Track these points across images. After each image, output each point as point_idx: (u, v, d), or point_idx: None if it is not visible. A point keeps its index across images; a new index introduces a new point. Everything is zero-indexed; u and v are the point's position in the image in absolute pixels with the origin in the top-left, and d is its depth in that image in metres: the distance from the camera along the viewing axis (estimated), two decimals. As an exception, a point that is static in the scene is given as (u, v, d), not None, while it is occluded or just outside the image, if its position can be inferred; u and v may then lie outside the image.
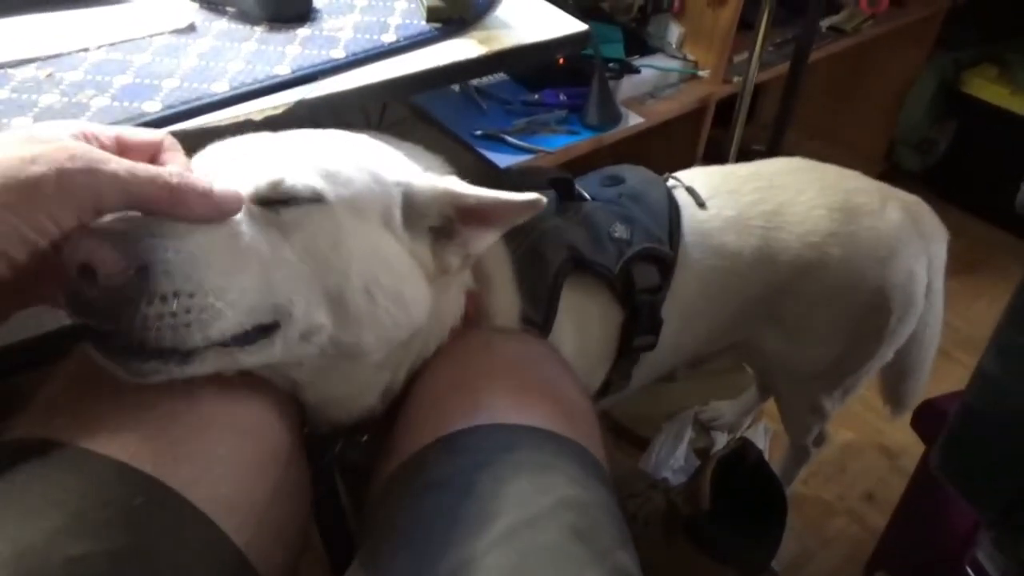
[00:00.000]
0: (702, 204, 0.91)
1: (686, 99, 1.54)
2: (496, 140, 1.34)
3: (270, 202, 0.53)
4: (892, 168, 2.29)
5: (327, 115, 0.68)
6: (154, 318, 0.46)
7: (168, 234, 0.47)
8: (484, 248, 0.63)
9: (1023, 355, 0.65)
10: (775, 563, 1.18)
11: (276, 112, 0.64)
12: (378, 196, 0.58)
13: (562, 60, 1.44)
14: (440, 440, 0.56)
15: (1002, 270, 2.06)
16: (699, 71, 1.58)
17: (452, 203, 0.61)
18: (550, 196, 0.84)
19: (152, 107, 0.62)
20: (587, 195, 0.87)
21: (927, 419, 1.05)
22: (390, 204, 0.59)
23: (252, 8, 0.75)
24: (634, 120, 1.44)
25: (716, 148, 1.63)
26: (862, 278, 0.94)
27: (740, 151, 1.62)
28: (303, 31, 0.75)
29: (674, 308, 0.87)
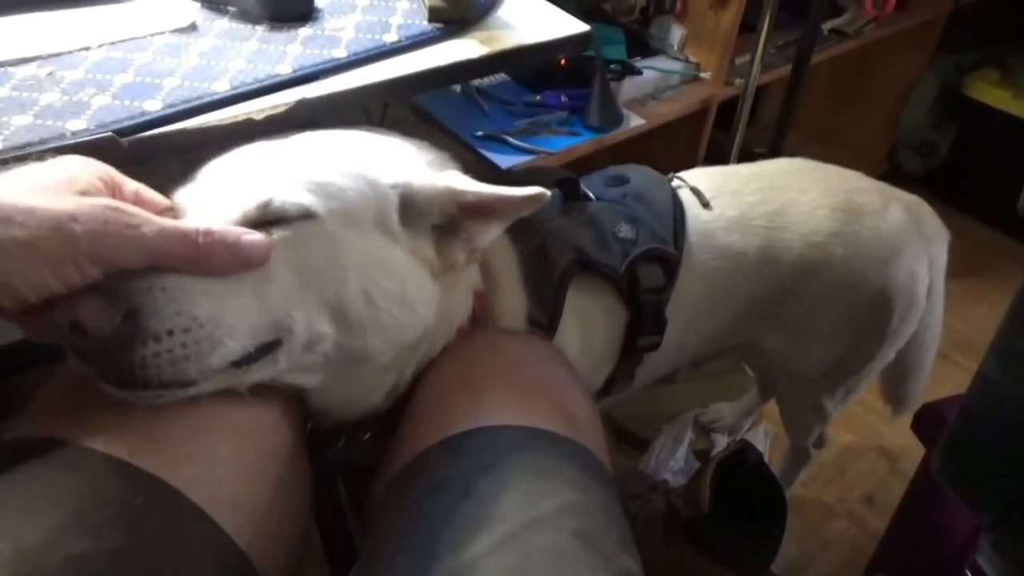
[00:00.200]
0: (707, 204, 0.91)
1: (688, 101, 1.53)
2: (497, 141, 1.34)
3: (261, 223, 0.53)
4: (893, 170, 2.29)
5: (328, 115, 0.67)
6: (151, 357, 0.47)
7: (152, 273, 0.47)
8: (489, 242, 0.63)
9: (1023, 359, 0.65)
10: (775, 565, 1.17)
11: (277, 111, 0.64)
12: (372, 202, 0.57)
13: (564, 61, 1.43)
14: (443, 442, 0.56)
15: (1003, 274, 2.06)
16: (701, 73, 1.58)
17: (453, 200, 0.60)
18: (554, 195, 0.85)
19: (153, 106, 0.62)
20: (592, 195, 0.87)
21: (927, 422, 1.05)
22: (386, 208, 0.58)
23: (253, 7, 0.75)
24: (635, 121, 1.44)
25: (717, 150, 1.63)
26: (864, 278, 0.94)
27: (741, 153, 1.62)
28: (304, 30, 0.75)
29: (678, 308, 0.87)
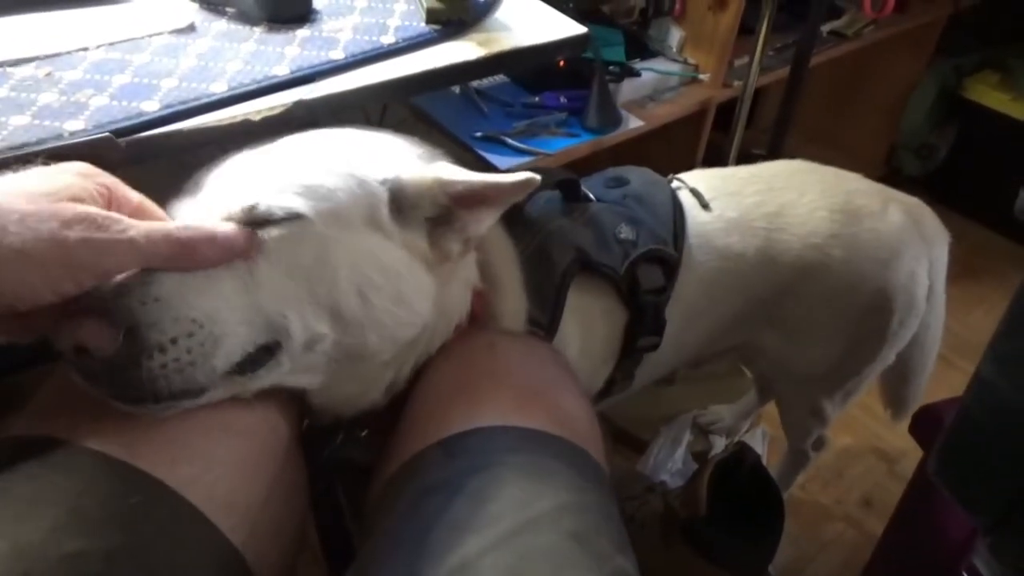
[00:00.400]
0: (706, 205, 0.91)
1: (686, 102, 1.53)
2: (496, 142, 1.34)
3: (248, 225, 0.53)
4: (892, 173, 2.29)
5: (327, 116, 0.68)
6: (159, 369, 0.48)
7: (140, 286, 0.48)
8: (484, 230, 0.63)
9: (1021, 362, 0.65)
10: (772, 567, 1.17)
11: (274, 112, 0.64)
12: (361, 200, 0.58)
13: (562, 63, 1.44)
14: (440, 442, 0.57)
15: (1001, 276, 2.06)
16: (699, 75, 1.58)
17: (443, 191, 0.60)
18: (555, 196, 0.85)
19: (151, 107, 0.62)
20: (592, 196, 0.87)
21: (925, 424, 1.05)
22: (375, 205, 0.58)
23: (252, 9, 0.75)
24: (634, 123, 1.44)
25: (716, 152, 1.63)
26: (863, 280, 0.94)
27: (740, 155, 1.62)
28: (302, 32, 0.75)
29: (677, 309, 0.87)
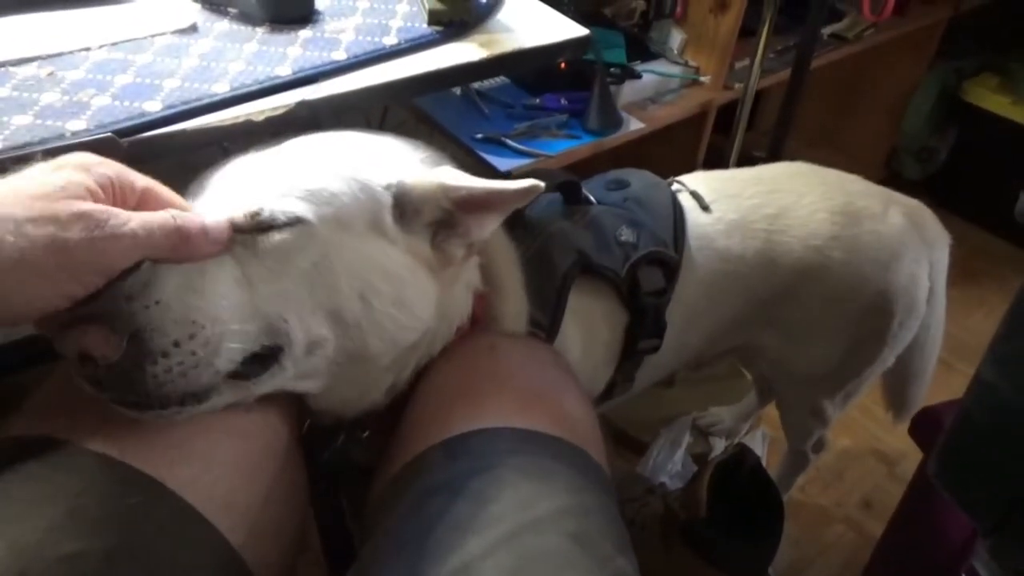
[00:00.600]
0: (706, 207, 0.91)
1: (687, 105, 1.54)
2: (497, 143, 1.34)
3: (253, 232, 0.53)
4: (892, 176, 2.30)
5: (329, 117, 0.68)
6: (163, 373, 0.48)
7: (141, 290, 0.48)
8: (487, 235, 0.63)
9: (1021, 364, 0.65)
10: (772, 569, 1.17)
11: (276, 113, 0.64)
12: (364, 205, 0.58)
13: (563, 64, 1.44)
14: (442, 443, 0.57)
15: (1001, 279, 2.06)
16: (700, 77, 1.58)
17: (446, 196, 0.60)
18: (556, 199, 0.85)
19: (153, 107, 0.62)
20: (593, 199, 0.87)
21: (925, 427, 1.05)
22: (378, 210, 0.58)
23: (254, 9, 0.75)
24: (635, 125, 1.44)
25: (717, 154, 1.63)
26: (864, 281, 0.94)
27: (741, 158, 1.62)
28: (305, 32, 0.75)
29: (678, 311, 0.87)
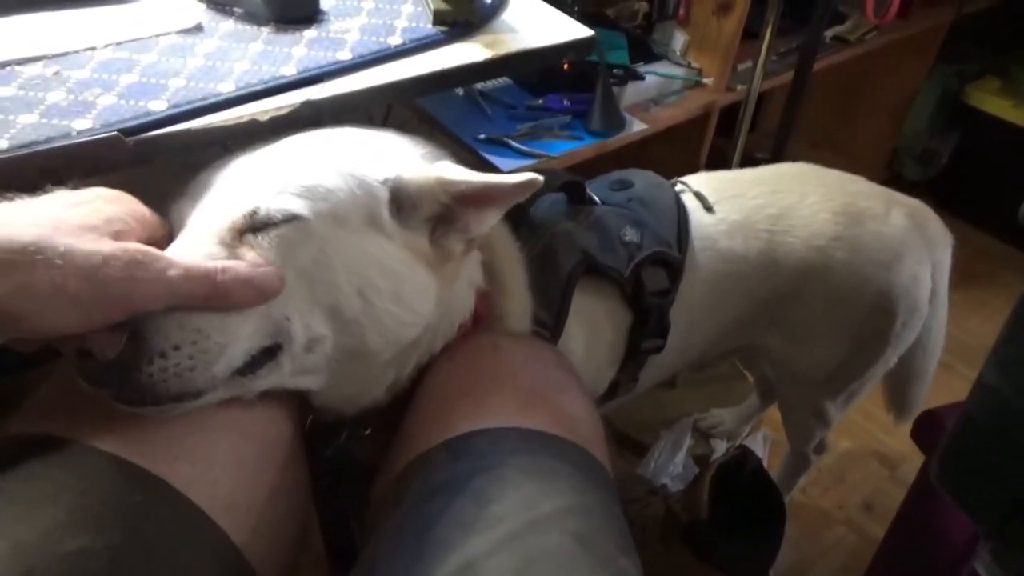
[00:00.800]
0: (710, 208, 0.91)
1: (690, 106, 1.54)
2: (499, 144, 1.34)
3: (250, 230, 0.53)
4: (894, 178, 2.30)
5: (332, 116, 0.68)
6: (159, 373, 0.48)
7: None
8: (486, 229, 0.63)
9: (1023, 367, 0.65)
10: (773, 571, 1.17)
11: (281, 112, 0.64)
12: (362, 200, 0.57)
13: (567, 65, 1.44)
14: (445, 443, 0.57)
15: (1002, 282, 2.06)
16: (703, 78, 1.58)
17: (445, 190, 0.60)
18: (560, 199, 0.85)
19: (158, 106, 0.62)
20: (597, 199, 0.87)
21: (927, 429, 1.05)
22: (376, 205, 0.58)
23: (259, 9, 0.76)
24: (638, 126, 1.44)
25: (719, 156, 1.63)
26: (866, 282, 0.94)
27: (743, 159, 1.62)
28: (310, 32, 0.75)
29: (681, 311, 0.88)
